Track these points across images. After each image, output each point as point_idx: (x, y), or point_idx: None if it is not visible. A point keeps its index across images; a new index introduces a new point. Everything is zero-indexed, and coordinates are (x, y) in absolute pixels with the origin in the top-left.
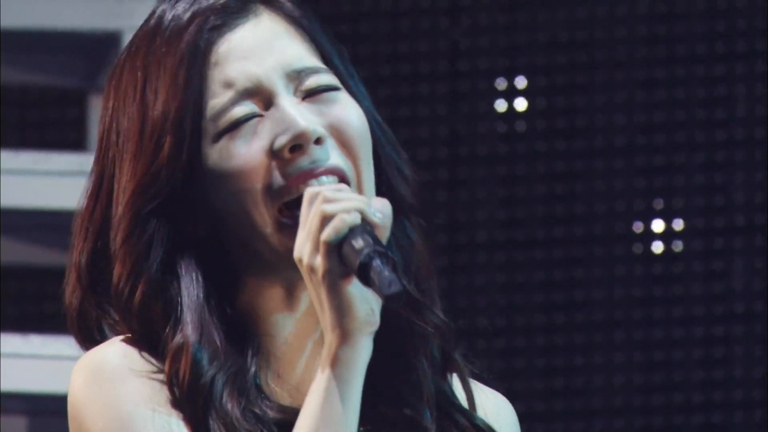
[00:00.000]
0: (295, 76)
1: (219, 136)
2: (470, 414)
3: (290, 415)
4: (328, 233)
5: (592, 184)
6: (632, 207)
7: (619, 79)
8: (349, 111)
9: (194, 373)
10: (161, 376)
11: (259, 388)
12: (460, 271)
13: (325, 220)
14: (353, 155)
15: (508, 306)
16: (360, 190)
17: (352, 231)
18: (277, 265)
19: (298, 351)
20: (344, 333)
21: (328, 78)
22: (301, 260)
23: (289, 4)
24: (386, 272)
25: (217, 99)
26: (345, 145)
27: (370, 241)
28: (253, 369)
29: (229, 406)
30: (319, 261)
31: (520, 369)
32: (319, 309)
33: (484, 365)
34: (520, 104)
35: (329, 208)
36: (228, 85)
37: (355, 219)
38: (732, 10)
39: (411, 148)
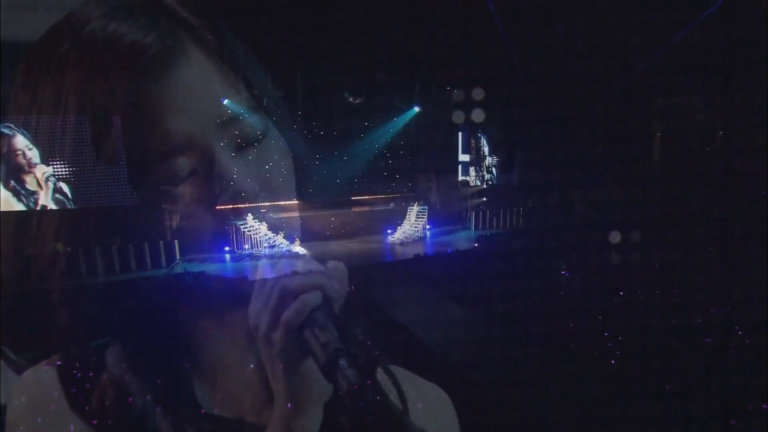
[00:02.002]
0: (226, 126)
1: (156, 183)
2: None
3: None
4: (290, 316)
5: (548, 195)
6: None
7: (576, 90)
8: (271, 160)
9: (127, 392)
10: (93, 396)
11: (197, 408)
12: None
13: (286, 295)
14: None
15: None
16: None
17: (314, 313)
18: None
19: (242, 376)
20: (299, 405)
21: (255, 124)
22: (257, 328)
23: (214, 40)
24: (349, 373)
25: (154, 146)
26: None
27: (335, 334)
28: (193, 390)
29: (163, 425)
30: (277, 337)
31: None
32: (271, 376)
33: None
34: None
35: (291, 284)
36: (165, 137)
37: (317, 300)
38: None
39: None
